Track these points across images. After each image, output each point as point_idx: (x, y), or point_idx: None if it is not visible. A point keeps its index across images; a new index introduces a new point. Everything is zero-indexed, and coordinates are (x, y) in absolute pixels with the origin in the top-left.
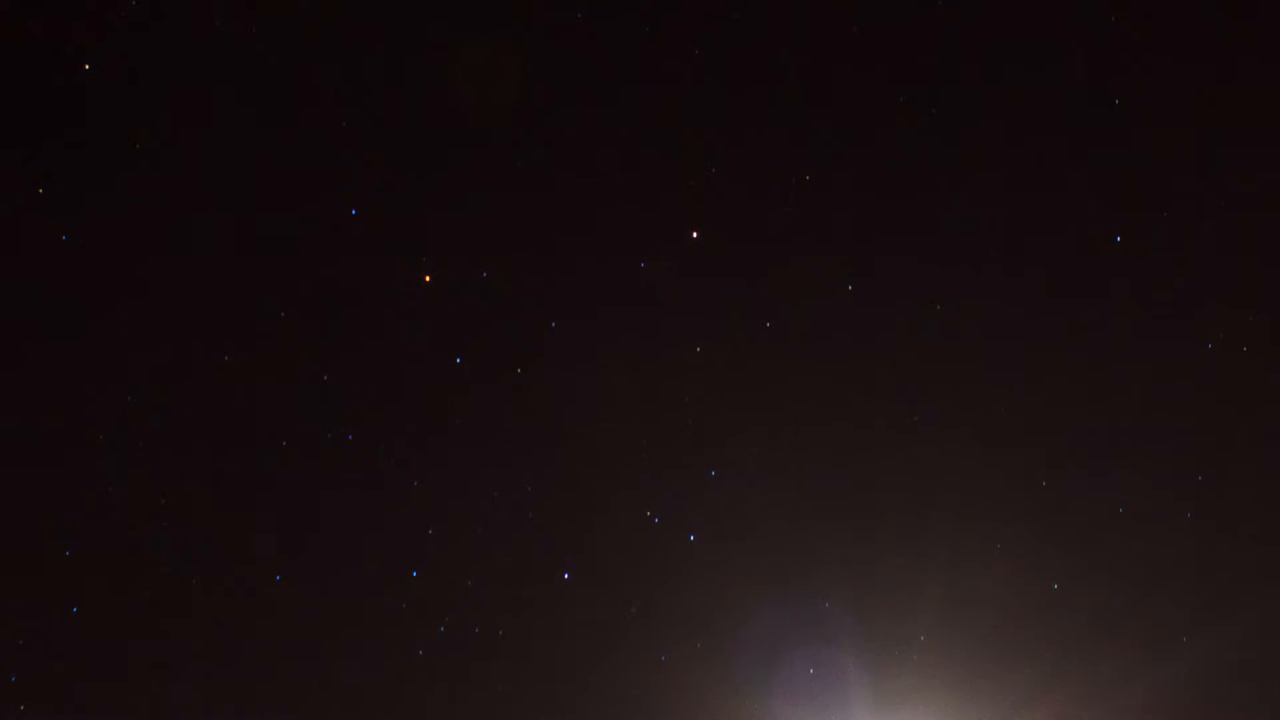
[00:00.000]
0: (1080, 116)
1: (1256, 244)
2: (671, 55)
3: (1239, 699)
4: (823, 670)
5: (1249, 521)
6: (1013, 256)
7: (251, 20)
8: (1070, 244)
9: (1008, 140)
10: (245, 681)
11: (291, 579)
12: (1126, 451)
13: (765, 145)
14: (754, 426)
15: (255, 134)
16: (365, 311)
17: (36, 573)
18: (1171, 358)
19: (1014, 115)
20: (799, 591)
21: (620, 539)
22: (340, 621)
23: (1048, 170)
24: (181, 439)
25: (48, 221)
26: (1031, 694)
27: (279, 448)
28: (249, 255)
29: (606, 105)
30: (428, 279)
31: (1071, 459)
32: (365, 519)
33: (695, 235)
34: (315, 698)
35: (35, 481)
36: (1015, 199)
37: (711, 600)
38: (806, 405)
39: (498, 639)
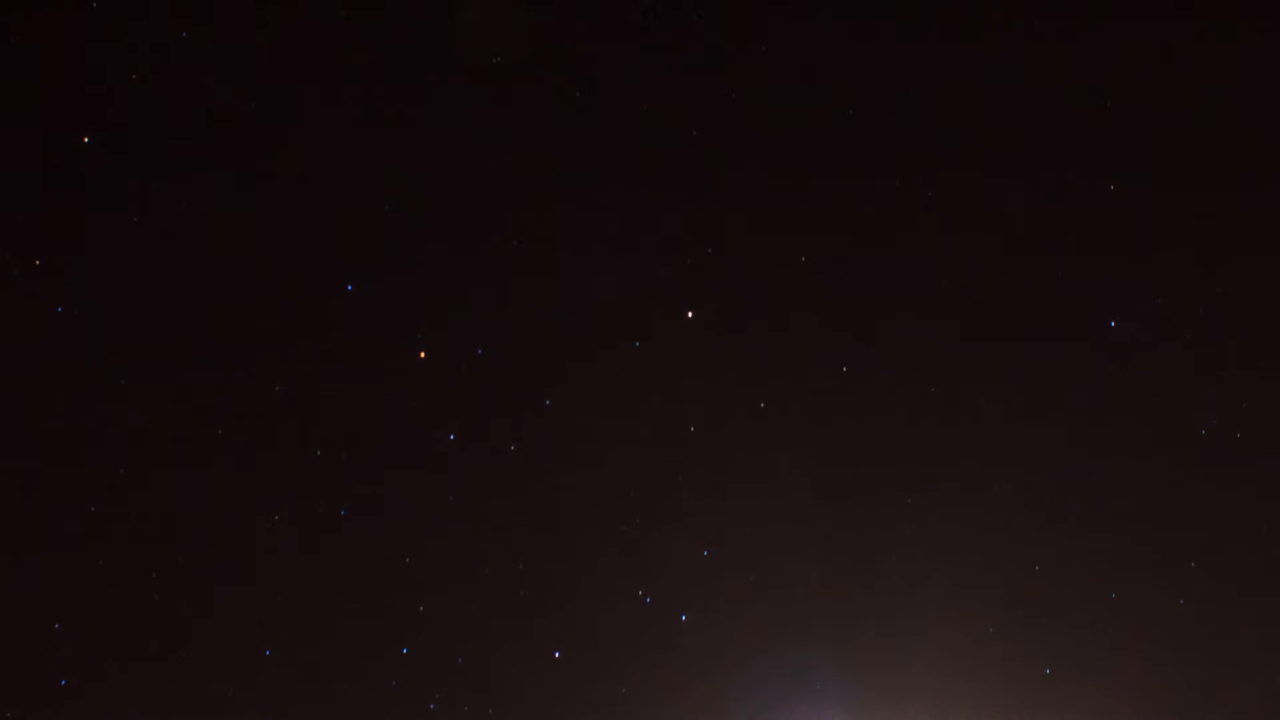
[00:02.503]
0: (1083, 201)
1: (1253, 328)
2: (669, 134)
3: None
4: None
5: (1243, 605)
6: (1011, 339)
7: (251, 95)
8: (1067, 325)
9: (1009, 220)
10: None
11: (281, 653)
12: (1118, 536)
13: (762, 226)
14: (747, 507)
15: (249, 209)
16: (359, 388)
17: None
18: (1166, 443)
19: (1015, 195)
20: (791, 673)
21: (612, 618)
22: (330, 699)
23: (1049, 251)
24: (173, 512)
25: (40, 296)
26: None
27: (271, 522)
28: (241, 331)
29: (602, 182)
30: (422, 355)
31: (1065, 542)
32: (356, 595)
33: (690, 315)
34: None
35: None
36: (1015, 278)
37: (703, 681)
38: (801, 486)
39: (488, 717)
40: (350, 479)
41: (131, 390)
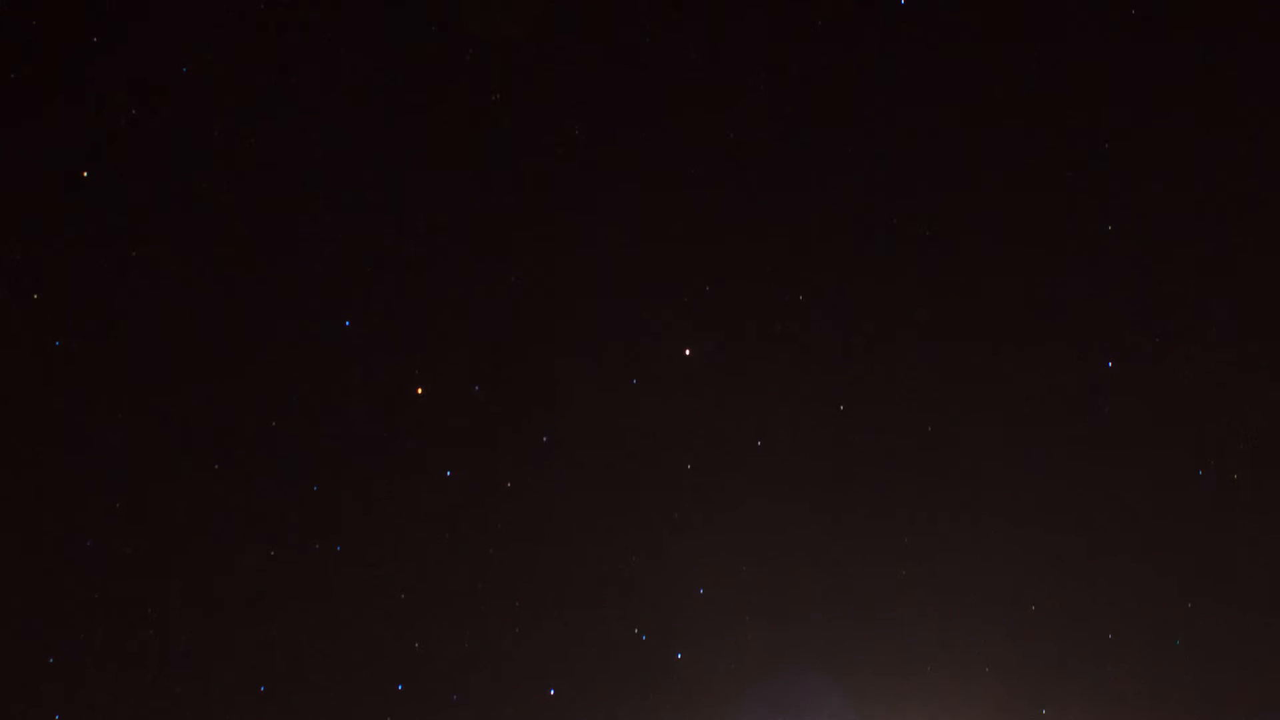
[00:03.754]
0: (1082, 239)
1: (1251, 369)
2: (667, 172)
3: None
4: None
5: (1241, 646)
6: (1008, 378)
7: (250, 131)
8: (1063, 365)
9: (1005, 260)
10: None
11: (276, 688)
12: (1115, 576)
13: (760, 264)
14: (744, 544)
15: (248, 244)
16: (356, 423)
17: None
18: (1163, 483)
19: (1011, 237)
20: (787, 711)
21: (607, 656)
22: None
23: (1046, 292)
24: (168, 546)
25: (38, 331)
26: None
27: (267, 558)
28: (237, 366)
29: (600, 220)
30: (420, 392)
31: (1061, 582)
32: (352, 630)
33: (688, 352)
34: None
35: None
36: (1011, 317)
37: (698, 718)
38: (797, 524)
39: None
40: (346, 514)
41: (126, 425)
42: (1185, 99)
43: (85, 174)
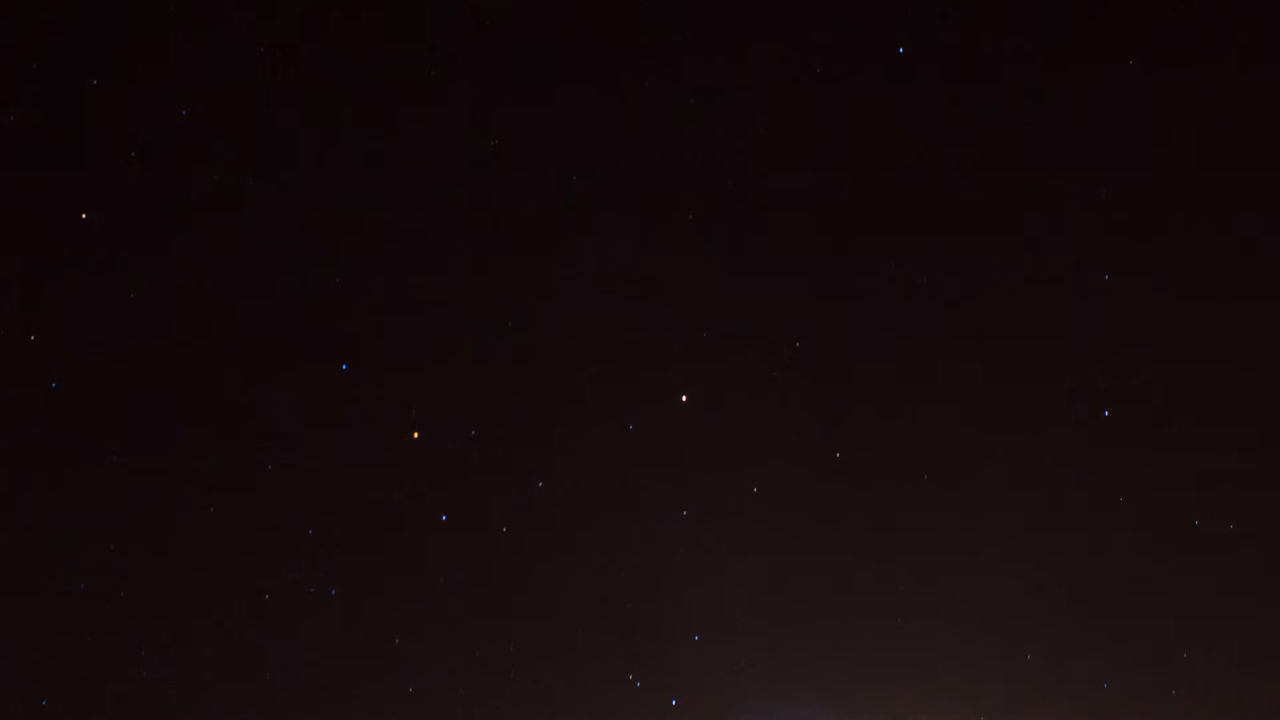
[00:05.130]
0: (1078, 290)
1: (1249, 417)
2: (664, 217)
3: None
4: None
5: (1236, 697)
6: (1004, 428)
7: (249, 171)
8: (1060, 414)
9: (1006, 307)
10: None
11: None
12: (1110, 626)
13: (756, 310)
14: (739, 591)
15: (245, 287)
16: (352, 466)
17: None
18: (1159, 533)
19: (1010, 286)
20: None
21: (602, 701)
22: None
23: (1045, 341)
24: (164, 591)
25: (40, 364)
26: None
27: (262, 601)
28: (233, 410)
29: (596, 264)
30: (416, 435)
31: (1057, 632)
32: (346, 675)
33: (685, 399)
34: None
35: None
36: (1009, 366)
37: None
38: (793, 571)
39: None
40: (342, 558)
41: (120, 468)
42: (1188, 133)
43: (84, 215)
